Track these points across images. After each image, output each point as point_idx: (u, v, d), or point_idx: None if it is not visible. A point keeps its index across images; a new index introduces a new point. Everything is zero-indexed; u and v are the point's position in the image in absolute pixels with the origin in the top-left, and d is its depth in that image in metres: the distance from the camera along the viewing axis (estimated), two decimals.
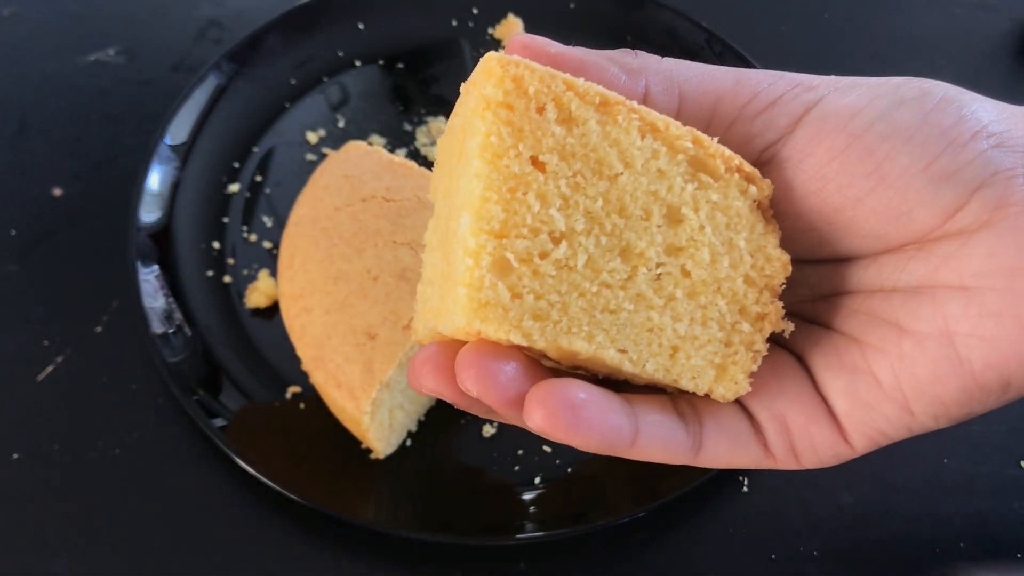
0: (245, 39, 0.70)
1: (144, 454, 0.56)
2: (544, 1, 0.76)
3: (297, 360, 0.55)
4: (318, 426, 0.56)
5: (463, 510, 0.54)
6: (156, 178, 0.63)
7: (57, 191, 0.66)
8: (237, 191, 0.66)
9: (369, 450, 0.56)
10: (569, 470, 0.56)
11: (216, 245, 0.63)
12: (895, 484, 0.57)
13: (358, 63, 0.73)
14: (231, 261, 0.63)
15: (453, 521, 0.53)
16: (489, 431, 0.57)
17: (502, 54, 0.27)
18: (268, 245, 0.64)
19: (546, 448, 0.57)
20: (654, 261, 0.29)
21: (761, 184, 0.29)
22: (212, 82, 0.68)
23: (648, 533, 0.55)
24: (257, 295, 0.61)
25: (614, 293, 0.28)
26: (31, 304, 0.61)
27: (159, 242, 0.61)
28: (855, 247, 0.30)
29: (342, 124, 0.71)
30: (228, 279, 0.62)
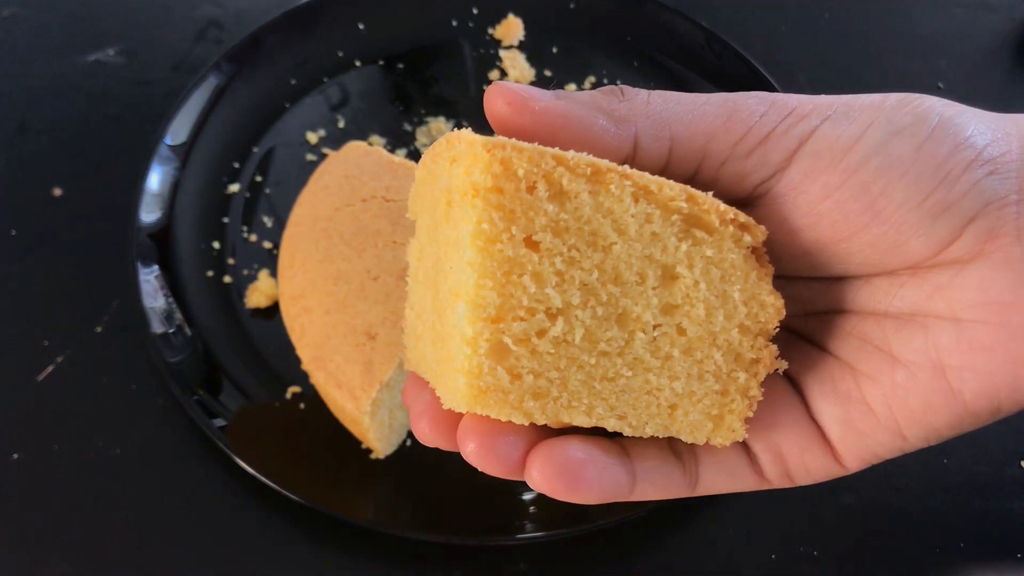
0: (245, 39, 0.70)
1: (144, 454, 0.56)
2: (544, 1, 0.76)
3: (297, 360, 0.55)
4: (318, 426, 0.56)
5: (463, 510, 0.54)
6: (156, 178, 0.63)
7: (57, 191, 0.66)
8: (237, 191, 0.66)
9: (369, 450, 0.56)
10: None
11: (216, 245, 0.63)
12: (895, 484, 0.57)
13: (358, 63, 0.73)
14: (231, 261, 0.63)
15: (453, 521, 0.53)
16: None
17: (487, 138, 0.26)
18: (268, 245, 0.64)
19: None
20: (651, 324, 0.29)
21: (755, 231, 0.29)
22: (212, 82, 0.68)
23: (648, 533, 0.55)
24: (257, 295, 0.61)
25: (612, 361, 0.28)
26: (31, 304, 0.61)
27: (159, 242, 0.61)
28: (848, 271, 0.30)
29: (342, 124, 0.71)
30: (228, 279, 0.62)
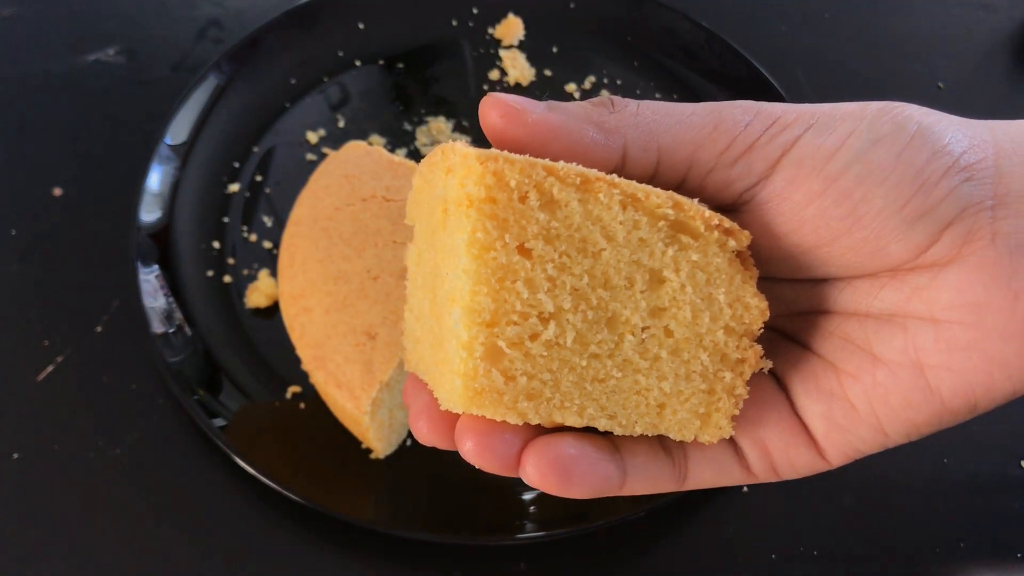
0: (245, 39, 0.70)
1: (144, 454, 0.56)
2: (544, 1, 0.76)
3: (297, 360, 0.55)
4: (318, 426, 0.56)
5: (463, 510, 0.54)
6: (156, 178, 0.63)
7: (57, 191, 0.66)
8: (237, 191, 0.66)
9: (369, 450, 0.56)
10: None
11: (216, 245, 0.63)
12: (895, 484, 0.57)
13: (358, 63, 0.73)
14: (231, 261, 0.63)
15: (453, 521, 0.53)
16: None
17: (480, 151, 0.28)
18: (268, 245, 0.64)
19: None
20: (639, 327, 0.30)
21: (740, 236, 0.30)
22: (212, 82, 0.68)
23: (648, 533, 0.55)
24: (257, 295, 0.61)
25: (602, 363, 0.30)
26: (31, 304, 0.61)
27: (159, 242, 0.61)
28: (831, 273, 0.31)
29: (342, 124, 0.71)
30: (228, 279, 0.62)
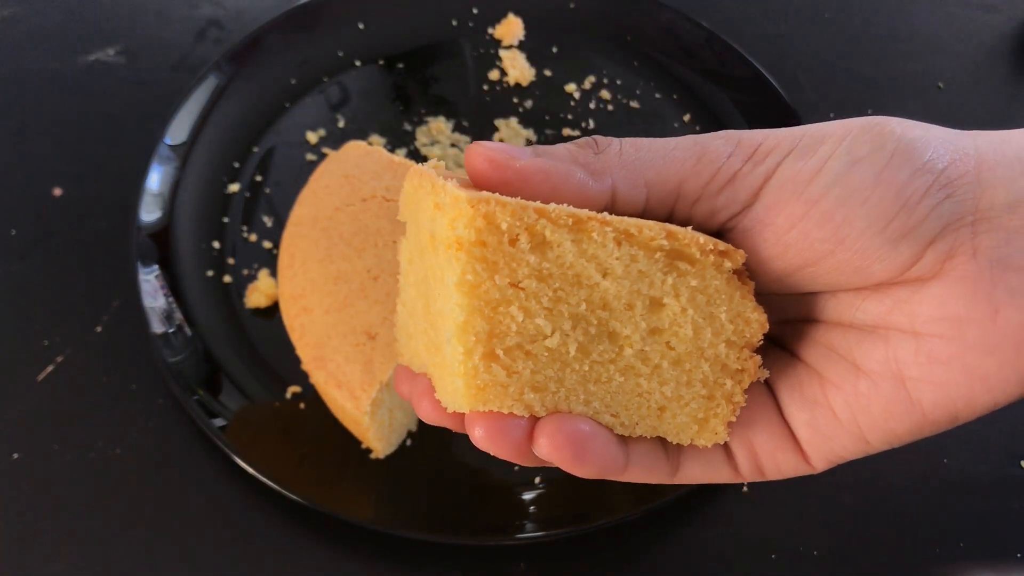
0: (245, 39, 0.70)
1: (144, 454, 0.56)
2: (544, 1, 0.76)
3: (297, 360, 0.55)
4: (318, 426, 0.56)
5: (463, 510, 0.54)
6: (156, 178, 0.63)
7: (57, 191, 0.66)
8: (237, 191, 0.66)
9: (369, 450, 0.56)
10: None
11: (216, 245, 0.63)
12: (895, 484, 0.57)
13: (358, 63, 0.73)
14: (231, 261, 0.63)
15: (453, 521, 0.53)
16: None
17: (471, 193, 0.27)
18: (268, 245, 0.64)
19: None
20: (639, 345, 0.30)
21: (735, 256, 0.31)
22: (212, 82, 0.68)
23: (648, 533, 0.55)
24: (257, 295, 0.61)
25: (605, 368, 0.30)
26: (31, 304, 0.61)
27: (159, 242, 0.61)
28: (815, 289, 0.32)
29: (342, 124, 0.71)
30: (228, 279, 0.62)
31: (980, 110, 0.77)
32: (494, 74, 0.74)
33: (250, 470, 0.52)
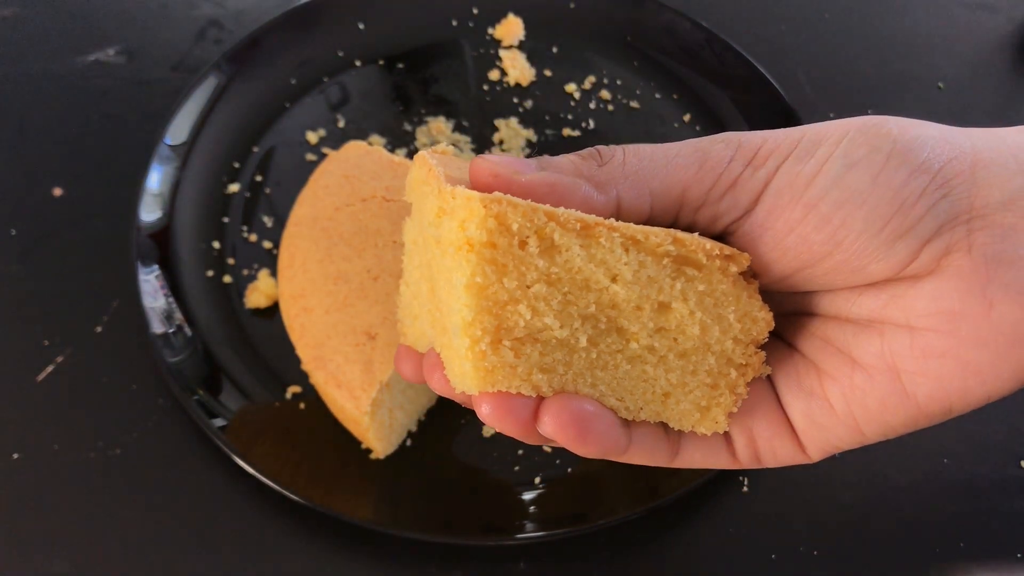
0: (245, 39, 0.70)
1: (144, 454, 0.56)
2: (544, 1, 0.76)
3: (297, 360, 0.55)
4: (318, 426, 0.56)
5: (463, 510, 0.54)
6: (156, 178, 0.63)
7: (57, 191, 0.66)
8: (237, 191, 0.66)
9: (369, 450, 0.56)
10: (569, 470, 0.56)
11: (216, 245, 0.63)
12: (895, 484, 0.57)
13: (358, 63, 0.73)
14: (231, 261, 0.63)
15: (453, 521, 0.53)
16: (489, 431, 0.57)
17: (483, 194, 0.28)
18: (268, 245, 0.64)
19: (546, 448, 0.57)
20: (647, 341, 0.31)
21: (740, 259, 0.31)
22: (212, 82, 0.68)
23: (648, 533, 0.55)
24: (257, 295, 0.61)
25: (612, 356, 0.31)
26: (31, 304, 0.61)
27: (159, 242, 0.61)
28: (813, 288, 0.32)
29: (342, 124, 0.71)
30: (228, 279, 0.62)
31: (980, 110, 0.77)
32: (494, 74, 0.74)
33: (250, 470, 0.52)
